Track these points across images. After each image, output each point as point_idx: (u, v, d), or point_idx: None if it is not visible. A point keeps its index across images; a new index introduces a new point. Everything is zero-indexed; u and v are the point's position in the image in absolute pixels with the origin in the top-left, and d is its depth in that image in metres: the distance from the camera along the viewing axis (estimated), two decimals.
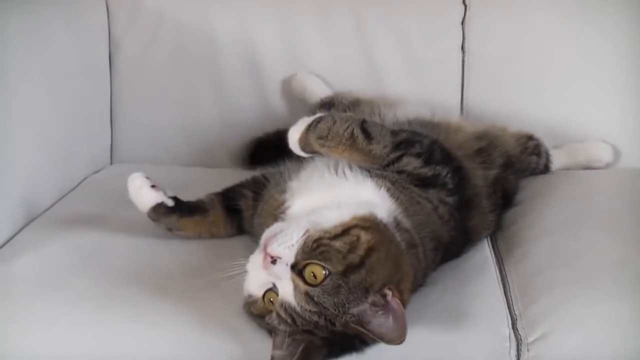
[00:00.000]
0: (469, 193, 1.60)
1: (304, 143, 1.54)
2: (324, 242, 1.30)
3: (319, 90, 2.14)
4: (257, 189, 1.68)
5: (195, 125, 2.24)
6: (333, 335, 1.28)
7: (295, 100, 2.18)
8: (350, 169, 1.53)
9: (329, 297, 1.26)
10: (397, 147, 1.53)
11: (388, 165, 1.52)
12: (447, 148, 1.61)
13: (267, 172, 1.72)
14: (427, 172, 1.53)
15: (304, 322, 1.27)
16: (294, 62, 2.19)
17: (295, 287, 1.28)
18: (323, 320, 1.27)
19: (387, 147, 1.52)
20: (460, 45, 2.16)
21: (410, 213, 1.46)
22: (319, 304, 1.26)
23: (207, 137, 2.24)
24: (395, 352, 1.28)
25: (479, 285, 1.52)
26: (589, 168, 2.09)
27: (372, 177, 1.50)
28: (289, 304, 1.28)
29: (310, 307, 1.26)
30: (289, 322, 1.28)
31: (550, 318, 1.41)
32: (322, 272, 1.27)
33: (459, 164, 1.60)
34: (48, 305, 1.46)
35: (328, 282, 1.27)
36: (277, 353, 1.28)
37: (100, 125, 2.23)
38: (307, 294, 1.27)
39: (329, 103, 2.04)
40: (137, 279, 1.51)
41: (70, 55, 2.03)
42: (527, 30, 2.14)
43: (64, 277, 1.54)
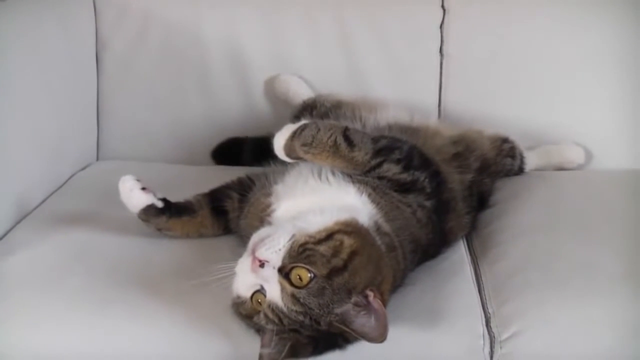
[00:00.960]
0: (446, 196, 1.64)
1: (289, 149, 1.58)
2: (309, 246, 1.35)
3: (302, 92, 2.17)
4: (242, 191, 1.72)
5: (181, 123, 2.26)
6: (318, 334, 1.33)
7: (279, 101, 2.21)
8: (333, 175, 1.57)
9: (314, 298, 1.31)
10: (377, 153, 1.57)
11: (369, 171, 1.57)
12: (425, 153, 1.66)
13: (252, 174, 1.76)
14: (406, 177, 1.57)
15: (291, 321, 1.32)
16: (279, 63, 2.21)
17: (282, 289, 1.33)
18: (309, 320, 1.32)
19: (368, 154, 1.57)
20: (439, 49, 2.18)
21: (390, 217, 1.51)
22: (305, 305, 1.31)
23: (192, 134, 2.26)
24: (376, 349, 1.33)
25: (455, 285, 1.57)
26: (562, 169, 2.14)
27: (354, 182, 1.54)
28: (276, 305, 1.33)
29: (297, 307, 1.32)
30: (276, 321, 1.33)
31: (522, 317, 1.47)
32: (307, 275, 1.32)
33: (437, 169, 1.65)
34: (43, 304, 1.49)
35: (313, 284, 1.32)
36: (265, 351, 1.33)
37: (87, 123, 2.24)
38: (293, 296, 1.32)
39: (311, 105, 2.07)
40: (129, 278, 1.54)
41: (59, 54, 2.05)
42: (504, 34, 2.16)
43: (57, 276, 1.56)
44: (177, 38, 2.22)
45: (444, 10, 2.18)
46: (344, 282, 1.33)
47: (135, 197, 1.66)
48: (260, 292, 1.35)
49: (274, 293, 1.33)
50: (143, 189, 1.66)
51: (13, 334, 1.46)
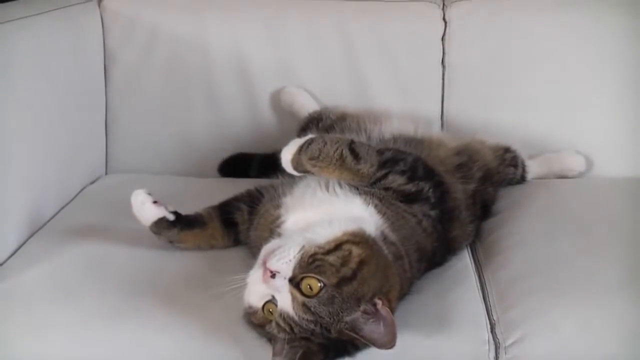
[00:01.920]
0: (450, 206, 1.67)
1: (297, 163, 1.61)
2: (319, 257, 1.38)
3: (307, 104, 2.20)
4: (252, 203, 1.75)
5: (188, 136, 2.29)
6: (328, 341, 1.36)
7: (284, 113, 2.23)
8: (340, 187, 1.60)
9: (324, 307, 1.35)
10: (382, 165, 1.61)
11: (375, 183, 1.60)
12: (429, 164, 1.69)
13: (260, 186, 1.79)
14: (411, 188, 1.61)
15: (302, 330, 1.36)
16: (284, 76, 2.23)
17: (293, 298, 1.36)
18: (319, 328, 1.35)
19: (373, 166, 1.60)
20: (441, 60, 2.21)
21: (396, 227, 1.54)
22: (315, 314, 1.35)
23: (199, 147, 2.28)
24: (384, 356, 1.37)
25: (460, 293, 1.60)
26: (563, 177, 2.16)
27: (360, 194, 1.57)
28: (288, 314, 1.36)
29: (307, 316, 1.35)
30: (288, 330, 1.36)
31: (526, 323, 1.50)
32: (317, 284, 1.36)
33: (440, 179, 1.68)
34: (59, 316, 1.52)
35: (323, 293, 1.35)
36: (277, 359, 1.36)
37: (96, 136, 2.27)
38: (304, 305, 1.35)
39: (317, 117, 2.11)
40: (142, 289, 1.57)
41: (68, 68, 2.07)
42: (505, 46, 2.19)
43: (73, 288, 1.59)
44: (184, 51, 2.25)
45: (445, 23, 2.20)
46: (353, 290, 1.36)
47: (147, 210, 1.69)
48: (272, 302, 1.38)
49: (285, 302, 1.36)
50: (155, 203, 1.69)
51: (29, 346, 1.49)
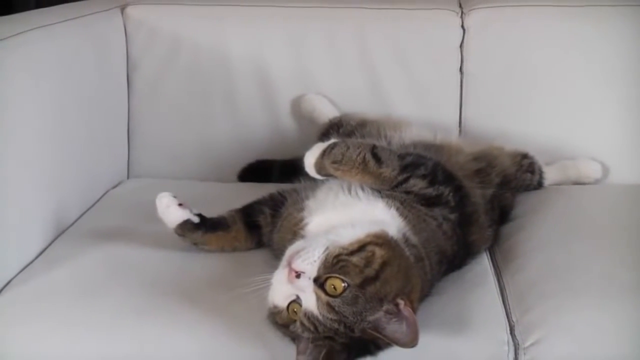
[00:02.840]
0: (469, 210, 1.70)
1: (319, 167, 1.64)
2: (343, 257, 1.40)
3: (327, 111, 2.23)
4: (274, 206, 1.78)
5: (209, 142, 2.31)
6: (351, 341, 1.38)
7: (304, 120, 2.26)
8: (363, 190, 1.62)
9: (348, 306, 1.37)
10: (404, 169, 1.64)
11: (396, 187, 1.62)
12: (448, 169, 1.71)
13: (283, 190, 1.81)
14: (431, 192, 1.63)
15: (326, 329, 1.37)
16: (303, 83, 2.27)
17: (318, 298, 1.38)
18: (343, 328, 1.37)
19: (395, 170, 1.63)
20: (459, 68, 2.23)
21: (417, 230, 1.56)
22: (339, 313, 1.37)
23: (220, 153, 2.31)
24: (405, 356, 1.40)
25: (479, 295, 1.62)
26: (579, 183, 2.17)
27: (382, 197, 1.59)
28: (312, 314, 1.38)
29: (332, 315, 1.37)
30: (312, 329, 1.38)
31: (545, 325, 1.51)
32: (341, 284, 1.38)
33: (460, 184, 1.70)
34: (87, 316, 1.54)
35: (347, 293, 1.37)
36: (301, 358, 1.38)
37: (118, 142, 2.30)
38: (328, 304, 1.37)
39: (338, 124, 2.13)
40: (167, 290, 1.59)
41: (92, 75, 2.09)
42: (523, 53, 2.21)
43: (99, 288, 1.62)
44: (205, 59, 2.28)
45: (464, 30, 2.23)
46: (376, 291, 1.38)
47: (173, 212, 1.71)
48: (296, 301, 1.40)
49: (310, 302, 1.39)
50: (180, 205, 1.71)
51: (56, 345, 1.51)
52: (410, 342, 1.36)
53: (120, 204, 2.09)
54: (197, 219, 1.72)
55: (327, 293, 1.38)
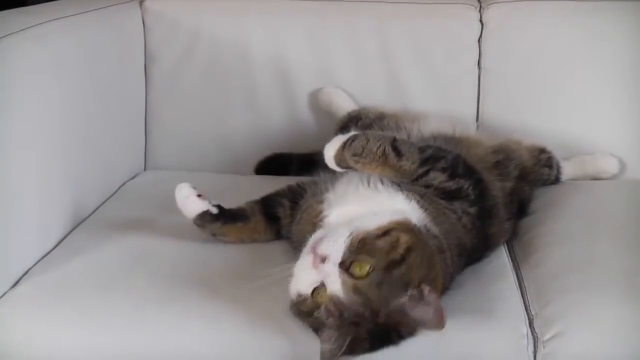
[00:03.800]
0: (489, 203, 1.69)
1: (340, 159, 1.64)
2: (368, 241, 1.41)
3: (345, 104, 2.23)
4: (294, 198, 1.78)
5: (227, 135, 2.32)
6: (375, 328, 1.38)
7: (322, 113, 2.27)
8: (382, 183, 1.62)
9: (374, 290, 1.37)
10: (424, 162, 1.64)
11: (416, 180, 1.62)
12: (469, 162, 1.71)
13: (302, 182, 1.82)
14: (451, 185, 1.63)
15: (351, 314, 1.37)
16: (322, 76, 2.27)
17: (343, 282, 1.38)
18: (368, 312, 1.37)
19: (415, 163, 1.63)
20: (477, 62, 2.24)
21: (438, 222, 1.56)
22: (365, 296, 1.37)
23: (237, 146, 2.32)
24: (427, 347, 1.42)
25: (499, 288, 1.62)
26: (597, 179, 2.17)
27: (402, 190, 1.60)
28: (338, 298, 1.37)
29: (357, 299, 1.37)
30: (337, 315, 1.38)
31: (564, 319, 1.51)
32: (367, 267, 1.38)
33: (480, 177, 1.70)
34: (107, 304, 1.54)
35: (373, 276, 1.37)
36: (325, 347, 1.38)
37: (136, 134, 2.31)
38: (354, 287, 1.37)
39: (356, 117, 2.13)
40: (188, 280, 1.60)
41: (110, 67, 2.11)
42: (541, 48, 2.21)
43: (120, 278, 1.62)
44: (223, 52, 2.28)
45: (482, 25, 2.23)
46: (401, 275, 1.39)
47: (192, 203, 1.71)
48: (321, 287, 1.40)
49: (336, 286, 1.38)
50: (199, 196, 1.72)
51: (78, 334, 1.51)
52: (437, 325, 1.37)
53: (138, 195, 2.10)
54: (216, 210, 1.73)
55: (353, 276, 1.38)
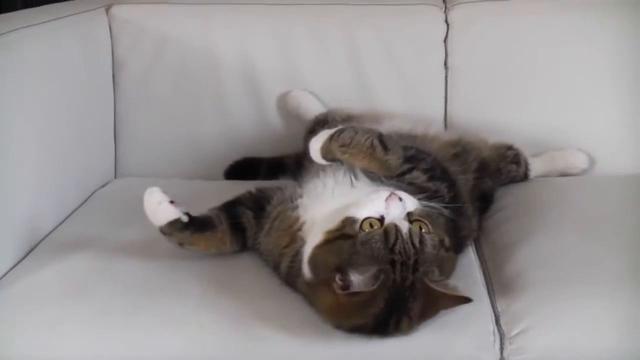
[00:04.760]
0: (461, 207, 1.70)
1: (326, 151, 1.63)
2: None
3: (313, 107, 2.23)
4: (256, 206, 1.73)
5: (196, 140, 2.31)
6: (402, 283, 1.43)
7: (290, 116, 2.26)
8: (357, 179, 1.64)
9: (429, 247, 1.46)
10: (408, 160, 1.65)
11: (400, 176, 1.63)
12: (444, 166, 1.74)
13: (263, 187, 1.79)
14: (430, 186, 1.64)
15: (400, 250, 1.44)
16: (290, 80, 2.27)
17: (410, 228, 1.47)
18: (412, 259, 1.44)
19: (400, 158, 1.63)
20: (444, 62, 2.25)
21: None
22: (423, 245, 1.45)
23: (208, 151, 2.31)
24: (394, 349, 1.44)
25: (465, 286, 1.56)
26: (566, 175, 2.18)
27: (383, 184, 1.61)
28: (399, 229, 1.45)
29: (413, 240, 1.45)
30: (389, 244, 1.44)
31: (531, 314, 1.53)
32: (427, 229, 1.49)
33: (454, 181, 1.72)
34: (74, 313, 1.53)
35: (432, 237, 1.48)
36: (356, 277, 1.41)
37: (105, 141, 2.29)
38: (420, 234, 1.46)
39: (323, 120, 2.13)
40: (156, 288, 1.60)
41: (77, 74, 2.09)
42: (506, 47, 2.23)
43: (87, 287, 1.61)
44: (191, 58, 2.28)
45: (448, 25, 2.24)
46: (441, 258, 1.48)
47: (163, 210, 1.64)
48: (378, 219, 1.47)
49: (403, 225, 1.47)
50: (171, 202, 1.65)
51: (44, 344, 1.51)
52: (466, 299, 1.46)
53: (108, 204, 2.09)
54: (186, 218, 1.66)
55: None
